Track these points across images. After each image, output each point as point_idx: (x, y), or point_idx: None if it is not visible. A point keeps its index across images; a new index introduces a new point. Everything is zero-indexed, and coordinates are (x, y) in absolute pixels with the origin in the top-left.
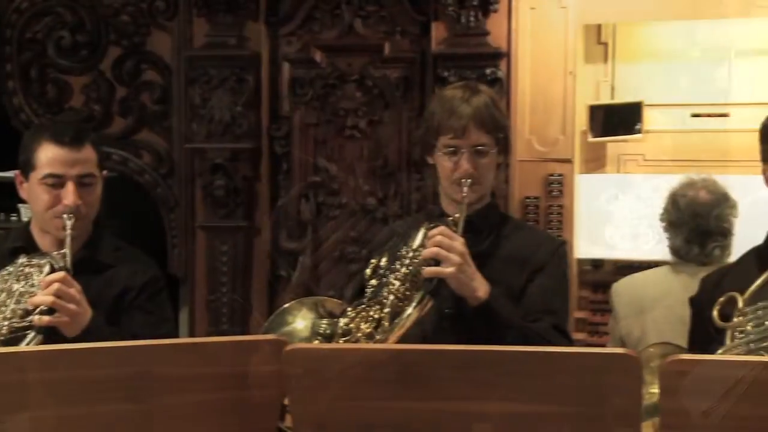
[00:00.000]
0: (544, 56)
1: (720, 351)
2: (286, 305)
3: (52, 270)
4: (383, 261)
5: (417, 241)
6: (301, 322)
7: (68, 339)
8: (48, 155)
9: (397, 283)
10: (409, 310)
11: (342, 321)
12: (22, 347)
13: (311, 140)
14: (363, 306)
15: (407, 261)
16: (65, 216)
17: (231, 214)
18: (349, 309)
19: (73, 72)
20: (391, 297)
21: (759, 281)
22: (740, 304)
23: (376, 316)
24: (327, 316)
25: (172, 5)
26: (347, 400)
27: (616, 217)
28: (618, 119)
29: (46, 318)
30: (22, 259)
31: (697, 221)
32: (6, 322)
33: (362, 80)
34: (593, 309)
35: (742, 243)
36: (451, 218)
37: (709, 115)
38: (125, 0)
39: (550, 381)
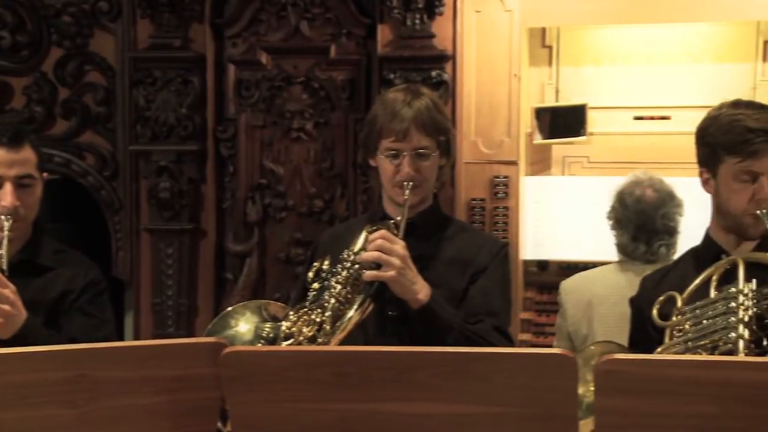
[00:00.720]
0: (489, 59)
1: (658, 350)
2: (230, 308)
3: None
4: (325, 264)
5: (358, 244)
6: (244, 325)
7: (1, 341)
8: None
9: (339, 286)
10: (350, 313)
11: (284, 325)
12: None
13: (257, 142)
14: (305, 309)
15: (348, 264)
16: (3, 217)
17: (176, 216)
18: (291, 313)
19: (14, 73)
20: (333, 300)
21: (697, 281)
22: (679, 303)
23: (317, 319)
24: (270, 320)
25: (115, 6)
26: (285, 402)
27: (562, 218)
28: (563, 122)
29: None
30: None
31: (644, 219)
32: None
33: (308, 82)
34: (539, 310)
35: (682, 244)
36: (392, 221)
37: (651, 118)
38: (67, 0)
39: (487, 382)
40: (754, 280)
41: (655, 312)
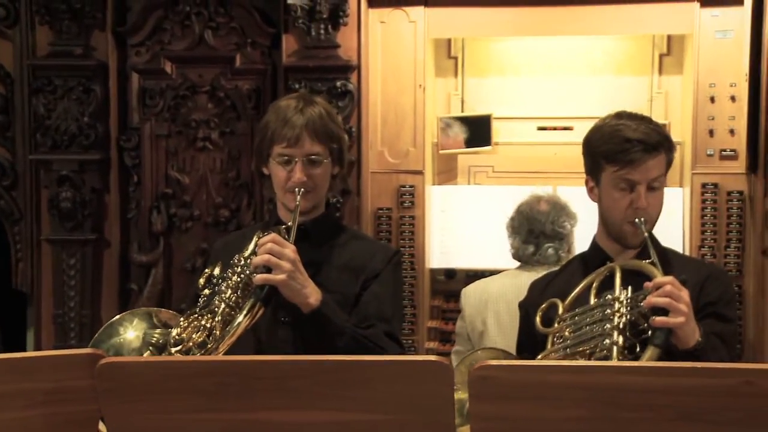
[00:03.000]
0: (394, 69)
1: (539, 356)
2: (117, 316)
3: None
4: (216, 270)
5: (249, 249)
6: (132, 332)
7: None
8: None
9: (229, 291)
10: (240, 318)
11: (174, 331)
12: None
13: (162, 151)
14: (195, 315)
15: (239, 269)
16: None
17: (79, 226)
18: (182, 319)
19: None
20: (223, 305)
21: (578, 288)
22: (560, 310)
23: (207, 325)
24: (161, 327)
25: (12, 12)
26: (165, 413)
27: (468, 227)
28: (470, 132)
29: None
30: None
31: (534, 224)
32: None
33: (214, 91)
34: (445, 318)
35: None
36: (284, 226)
37: (554, 128)
38: None
39: (366, 389)
40: (630, 287)
41: (537, 319)
